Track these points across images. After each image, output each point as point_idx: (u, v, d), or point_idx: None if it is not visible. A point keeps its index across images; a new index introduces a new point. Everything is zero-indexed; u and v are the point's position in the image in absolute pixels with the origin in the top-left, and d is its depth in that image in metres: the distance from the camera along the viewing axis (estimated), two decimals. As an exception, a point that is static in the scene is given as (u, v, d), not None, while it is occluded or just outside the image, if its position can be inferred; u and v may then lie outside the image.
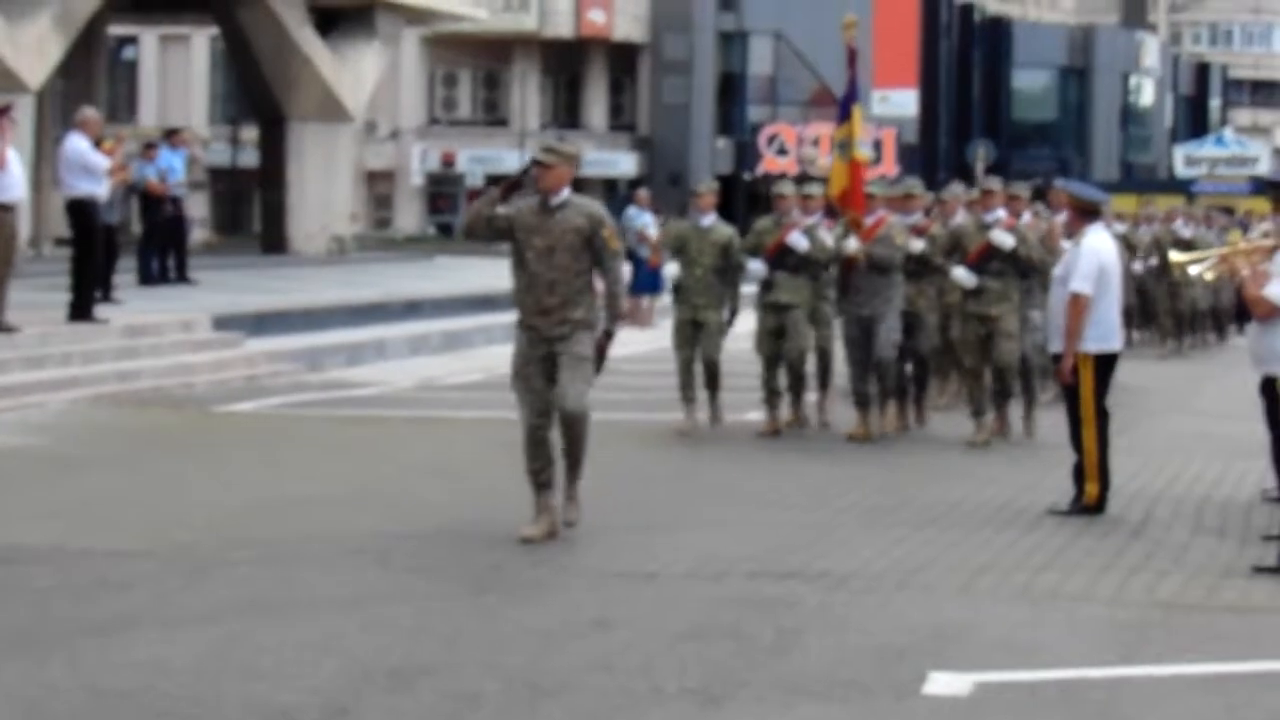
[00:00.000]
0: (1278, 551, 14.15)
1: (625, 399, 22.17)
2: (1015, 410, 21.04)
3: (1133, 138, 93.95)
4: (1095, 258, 16.94)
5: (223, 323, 29.16)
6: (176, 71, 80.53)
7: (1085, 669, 11.18)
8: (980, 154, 62.30)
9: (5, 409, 22.04)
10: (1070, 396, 17.03)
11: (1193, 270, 24.42)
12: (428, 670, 10.90)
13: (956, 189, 22.71)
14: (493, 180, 13.85)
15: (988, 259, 19.72)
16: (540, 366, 14.17)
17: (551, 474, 14.37)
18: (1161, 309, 31.23)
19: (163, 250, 35.18)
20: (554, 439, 14.37)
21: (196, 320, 28.94)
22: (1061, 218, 22.93)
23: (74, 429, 21.41)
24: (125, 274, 32.07)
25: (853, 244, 19.85)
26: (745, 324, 21.33)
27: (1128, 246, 25.50)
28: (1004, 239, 19.62)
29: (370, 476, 17.57)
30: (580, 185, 17.30)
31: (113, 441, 20.67)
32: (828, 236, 20.35)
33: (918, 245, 20.25)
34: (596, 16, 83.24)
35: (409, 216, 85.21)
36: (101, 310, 27.20)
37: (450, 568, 13.93)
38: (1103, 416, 16.83)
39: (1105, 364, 16.95)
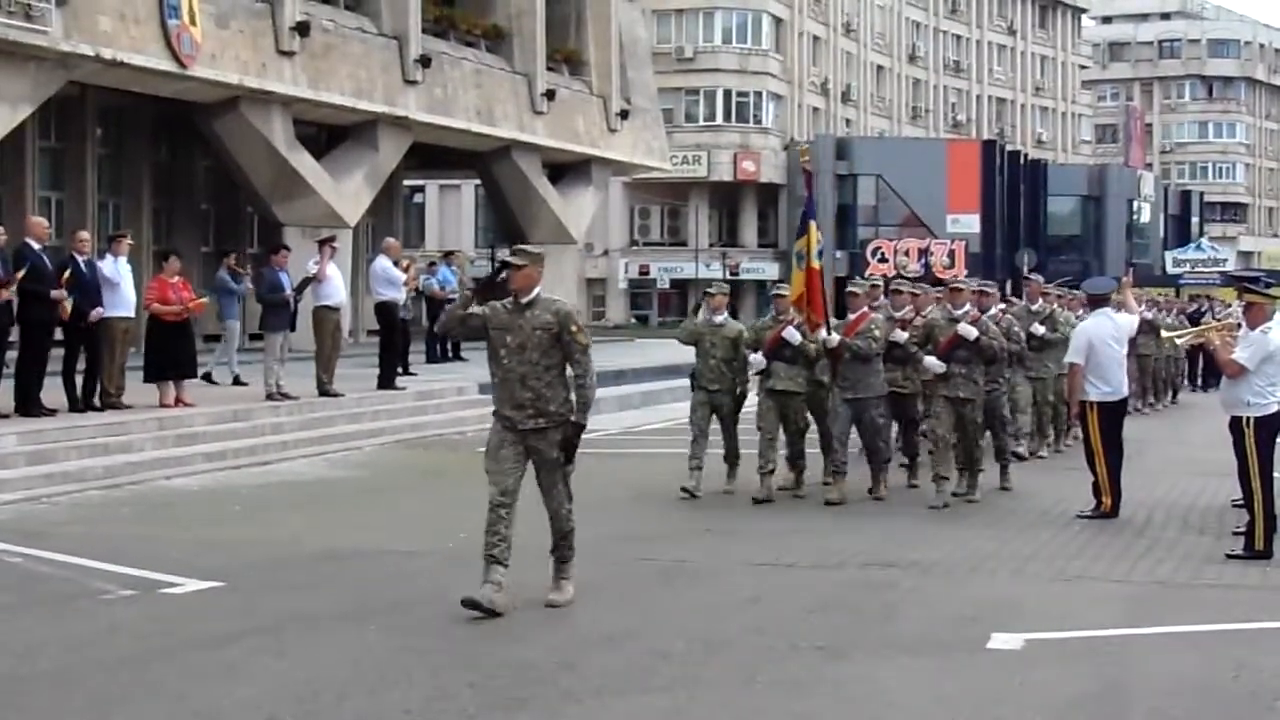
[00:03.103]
0: (1244, 543, 14.17)
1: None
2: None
3: (1135, 246, 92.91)
4: (1084, 335, 16.92)
5: (486, 388, 29.13)
6: (451, 210, 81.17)
7: (1104, 630, 11.25)
8: (1025, 259, 61.79)
9: (334, 450, 22.30)
10: (1085, 433, 16.99)
11: (1179, 342, 24.19)
12: (632, 635, 10.96)
13: (971, 282, 19.48)
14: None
15: (956, 348, 17.18)
16: (512, 451, 11.53)
17: (504, 552, 11.43)
18: (1130, 376, 30.48)
19: (443, 338, 35.45)
20: (517, 515, 11.73)
21: (467, 387, 29.06)
22: (1036, 305, 22.60)
23: (381, 465, 21.60)
24: (417, 355, 32.33)
25: (834, 337, 17.31)
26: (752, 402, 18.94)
27: None
28: (968, 331, 17.20)
29: (585, 495, 17.53)
30: (737, 287, 16.44)
31: (408, 474, 20.83)
32: (827, 332, 17.48)
33: (900, 336, 18.00)
34: (749, 165, 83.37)
35: (616, 311, 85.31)
36: (401, 380, 27.49)
37: (641, 562, 13.98)
38: (1114, 449, 16.76)
39: (1109, 409, 16.87)
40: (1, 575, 13.23)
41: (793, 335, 17.31)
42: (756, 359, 17.67)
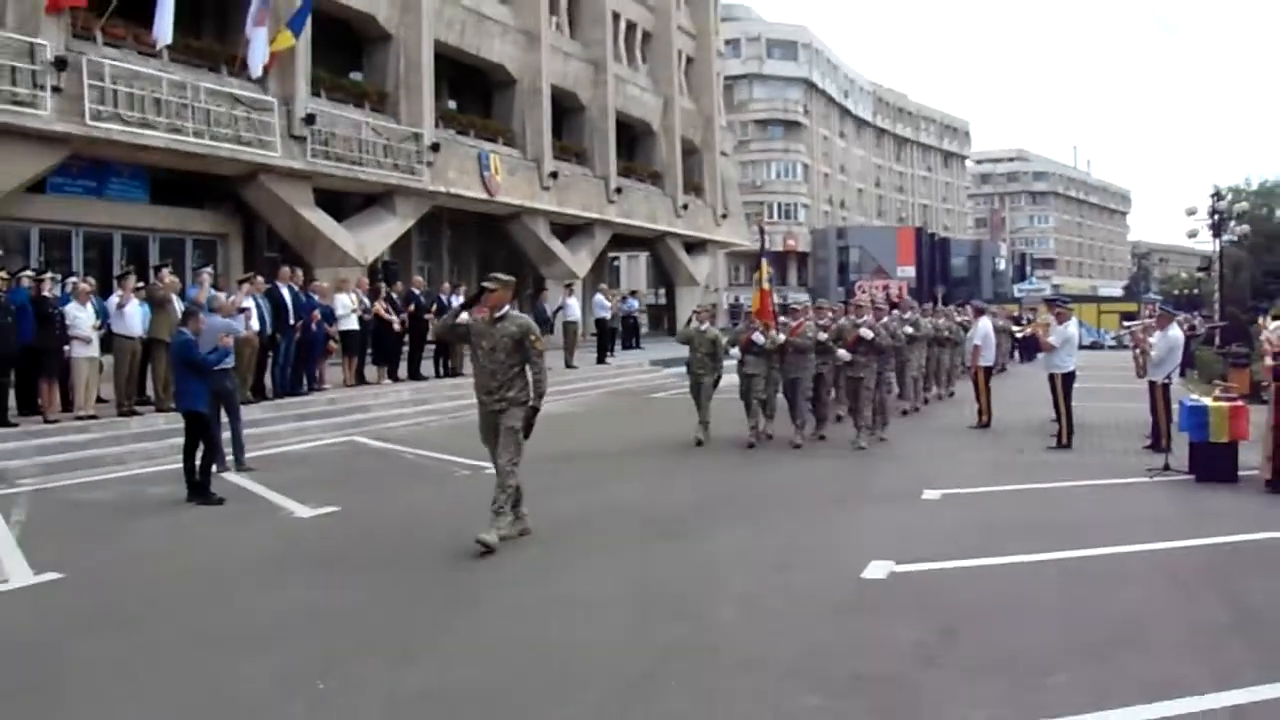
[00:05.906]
0: (1056, 442, 13.91)
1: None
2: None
3: (998, 281, 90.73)
4: (985, 329, 16.72)
5: (654, 363, 29.20)
6: (635, 268, 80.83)
7: (984, 487, 10.97)
8: (939, 291, 60.55)
9: (571, 395, 22.27)
10: (976, 383, 16.65)
11: (1018, 335, 23.50)
12: (728, 494, 10.76)
13: (865, 298, 16.54)
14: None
15: (858, 344, 14.75)
16: (491, 430, 9.06)
17: (511, 497, 9.19)
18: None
19: (627, 336, 35.32)
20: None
21: (643, 362, 28.99)
22: (907, 315, 19.23)
23: (594, 404, 21.54)
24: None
25: (780, 337, 14.95)
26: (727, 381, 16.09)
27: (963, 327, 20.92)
28: (867, 333, 14.79)
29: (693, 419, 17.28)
30: (786, 308, 14.96)
31: (610, 410, 20.76)
32: (777, 335, 15.05)
33: (822, 336, 15.25)
34: (791, 242, 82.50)
35: (721, 323, 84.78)
36: (607, 359, 27.52)
37: (743, 478, 13.79)
38: (989, 391, 16.49)
39: (989, 370, 16.78)
40: (403, 465, 13.36)
41: (758, 338, 15.11)
42: (735, 352, 15.45)
